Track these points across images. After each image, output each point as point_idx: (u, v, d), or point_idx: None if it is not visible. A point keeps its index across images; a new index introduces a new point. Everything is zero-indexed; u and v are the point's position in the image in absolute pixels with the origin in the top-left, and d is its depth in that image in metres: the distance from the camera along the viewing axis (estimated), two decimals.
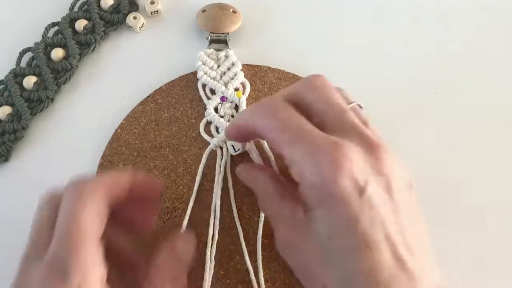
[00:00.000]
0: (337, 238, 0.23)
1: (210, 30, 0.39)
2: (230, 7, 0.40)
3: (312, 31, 0.41)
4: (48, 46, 0.39)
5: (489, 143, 0.36)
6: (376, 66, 0.39)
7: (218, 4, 0.40)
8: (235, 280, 0.31)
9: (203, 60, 0.37)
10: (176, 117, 0.36)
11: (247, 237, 0.32)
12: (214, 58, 0.38)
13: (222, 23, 0.39)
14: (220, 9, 0.39)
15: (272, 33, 0.41)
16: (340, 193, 0.23)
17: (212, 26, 0.39)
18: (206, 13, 0.39)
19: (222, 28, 0.39)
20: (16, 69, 0.38)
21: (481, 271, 0.32)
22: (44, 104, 0.37)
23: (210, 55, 0.38)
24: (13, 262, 0.32)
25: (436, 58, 0.40)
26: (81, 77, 0.39)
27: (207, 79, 0.37)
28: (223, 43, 0.39)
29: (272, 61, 0.38)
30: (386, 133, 0.36)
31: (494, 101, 0.38)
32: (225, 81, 0.37)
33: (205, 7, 0.40)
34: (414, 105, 0.38)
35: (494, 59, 0.40)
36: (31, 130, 0.36)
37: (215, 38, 0.39)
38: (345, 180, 0.23)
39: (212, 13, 0.39)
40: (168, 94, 0.37)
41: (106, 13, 0.40)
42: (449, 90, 0.38)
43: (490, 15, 0.42)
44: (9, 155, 0.35)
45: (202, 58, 0.37)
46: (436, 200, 0.34)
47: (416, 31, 0.41)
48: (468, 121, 0.37)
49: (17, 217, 0.33)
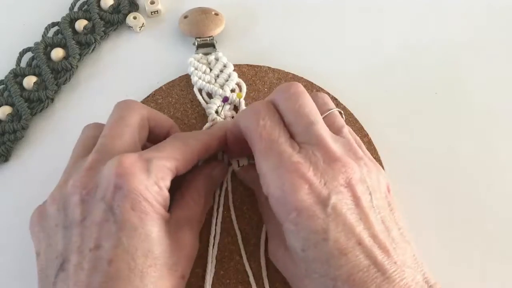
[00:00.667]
0: (311, 250, 0.24)
1: (196, 35, 0.39)
2: (212, 10, 0.40)
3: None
4: (48, 46, 0.39)
5: (489, 143, 0.36)
6: (375, 66, 0.39)
7: (199, 9, 0.40)
8: (235, 280, 0.31)
9: (195, 66, 0.37)
10: (176, 118, 0.36)
11: (247, 237, 0.32)
12: (205, 62, 0.38)
13: (206, 26, 0.39)
14: (203, 13, 0.39)
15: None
16: (302, 207, 0.24)
17: (197, 31, 0.39)
18: (188, 19, 0.39)
19: (207, 32, 0.39)
20: (16, 69, 0.38)
21: (480, 271, 0.32)
22: (44, 104, 0.37)
23: (200, 59, 0.38)
24: (13, 262, 0.32)
25: (436, 58, 0.40)
26: (81, 77, 0.39)
27: (203, 84, 0.37)
28: (211, 46, 0.39)
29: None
30: (386, 133, 0.36)
31: (494, 101, 0.38)
32: (221, 83, 0.37)
33: (186, 12, 0.40)
34: (414, 105, 0.38)
35: (494, 59, 0.40)
36: (31, 130, 0.36)
37: (201, 43, 0.39)
38: (305, 196, 0.24)
39: (195, 17, 0.39)
40: (168, 94, 0.37)
41: (106, 13, 0.40)
42: (449, 90, 0.38)
43: (490, 15, 0.42)
44: (9, 155, 0.35)
45: (193, 63, 0.37)
46: (436, 200, 0.34)
47: (416, 31, 0.41)
48: (468, 121, 0.37)
49: (17, 216, 0.33)
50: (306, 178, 0.24)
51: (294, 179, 0.24)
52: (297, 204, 0.24)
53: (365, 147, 0.35)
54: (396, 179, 0.34)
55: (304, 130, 0.26)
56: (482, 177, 0.35)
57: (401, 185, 0.34)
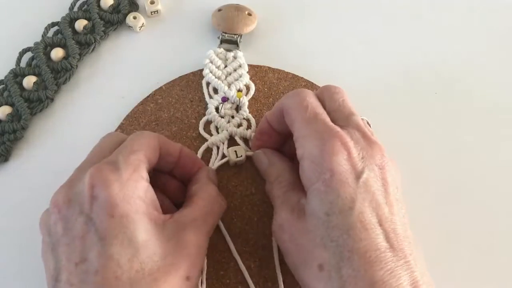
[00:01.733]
0: (335, 216, 0.25)
1: (223, 30, 0.39)
2: (246, 9, 0.40)
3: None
4: (48, 46, 0.39)
5: (489, 143, 0.36)
6: (376, 66, 0.39)
7: (234, 5, 0.40)
8: (235, 280, 0.31)
9: (211, 59, 0.37)
10: (176, 117, 0.36)
11: (247, 237, 0.32)
12: (222, 58, 0.38)
13: (235, 24, 0.39)
14: (236, 10, 0.39)
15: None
16: (338, 171, 0.25)
17: (225, 26, 0.39)
18: (221, 13, 0.39)
19: (234, 29, 0.39)
20: (16, 69, 0.38)
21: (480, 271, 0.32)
22: (44, 104, 0.37)
23: (219, 54, 0.38)
24: (13, 262, 0.32)
25: (436, 58, 0.40)
26: (81, 77, 0.39)
27: (212, 78, 0.37)
28: (234, 44, 0.39)
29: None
30: (386, 133, 0.36)
31: (494, 101, 0.38)
32: (229, 81, 0.37)
33: (222, 6, 0.40)
34: (414, 105, 0.38)
35: (494, 59, 0.40)
36: (31, 130, 0.36)
37: (226, 38, 0.39)
38: (343, 160, 0.26)
39: (227, 13, 0.39)
40: (168, 94, 0.37)
41: (106, 13, 0.40)
42: (449, 90, 0.38)
43: (490, 15, 0.42)
44: (9, 155, 0.35)
45: (210, 56, 0.38)
46: (436, 200, 0.34)
47: (416, 32, 0.41)
48: (468, 121, 0.37)
49: (17, 216, 0.33)
50: (347, 146, 0.26)
51: (336, 143, 0.26)
52: (333, 165, 0.25)
53: None
54: None
55: (346, 117, 0.28)
56: (482, 177, 0.35)
57: (401, 185, 0.34)
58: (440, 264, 0.29)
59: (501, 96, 0.38)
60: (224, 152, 0.34)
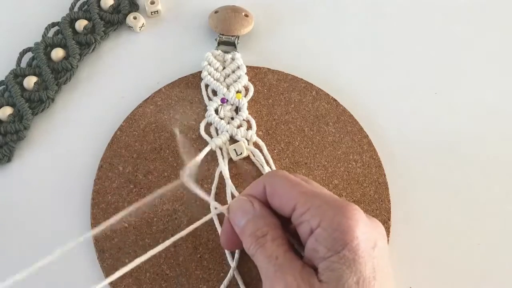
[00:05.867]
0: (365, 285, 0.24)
1: (220, 32, 0.39)
2: (243, 11, 0.39)
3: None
4: (48, 46, 0.39)
5: (489, 143, 0.36)
6: (375, 66, 0.39)
7: (231, 7, 0.40)
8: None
9: (209, 61, 0.37)
10: (175, 119, 0.36)
11: None
12: (220, 60, 0.38)
13: (232, 25, 0.38)
14: (233, 12, 0.39)
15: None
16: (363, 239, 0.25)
17: (222, 27, 0.39)
18: (218, 15, 0.39)
19: (231, 30, 0.39)
20: (16, 69, 0.38)
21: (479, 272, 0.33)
22: (45, 104, 0.37)
23: (217, 56, 0.38)
24: (14, 261, 0.32)
25: (436, 58, 0.40)
26: (81, 77, 0.39)
27: (210, 80, 0.37)
28: (232, 45, 0.39)
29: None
30: (386, 134, 0.36)
31: (494, 101, 0.38)
32: (228, 83, 0.37)
33: (218, 8, 0.40)
34: (414, 105, 0.38)
35: (494, 59, 0.40)
36: (32, 130, 0.37)
37: (224, 40, 0.39)
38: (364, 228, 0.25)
39: (224, 15, 0.39)
40: (168, 96, 0.37)
41: (106, 13, 0.40)
42: (449, 90, 0.38)
43: (490, 15, 0.42)
44: (12, 155, 0.35)
45: (208, 58, 0.37)
46: (436, 200, 0.34)
47: (416, 32, 0.41)
48: (468, 121, 0.37)
49: (19, 217, 0.33)
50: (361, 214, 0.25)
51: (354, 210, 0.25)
52: (359, 234, 0.24)
53: (365, 148, 0.35)
54: (396, 179, 0.34)
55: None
56: (482, 177, 0.35)
57: (401, 186, 0.34)
58: (438, 264, 0.29)
59: (501, 96, 0.38)
60: (229, 153, 0.34)
